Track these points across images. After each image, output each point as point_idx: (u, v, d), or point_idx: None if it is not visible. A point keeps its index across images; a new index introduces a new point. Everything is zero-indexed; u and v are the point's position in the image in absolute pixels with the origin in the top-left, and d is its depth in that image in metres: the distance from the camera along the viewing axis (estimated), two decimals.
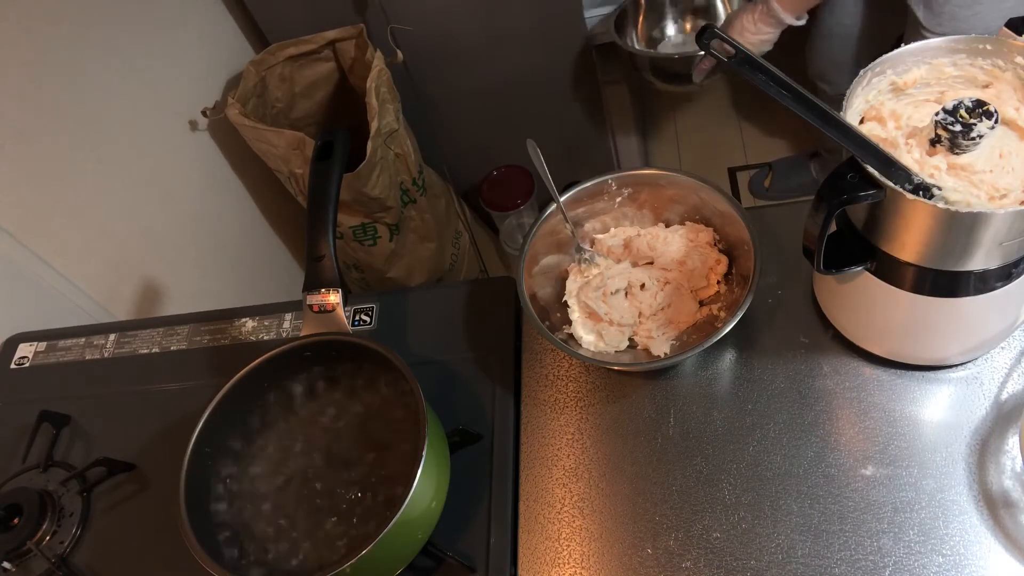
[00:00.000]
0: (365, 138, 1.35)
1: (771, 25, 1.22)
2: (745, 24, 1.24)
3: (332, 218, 0.79)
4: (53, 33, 1.13)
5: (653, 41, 1.62)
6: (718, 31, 0.54)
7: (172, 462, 0.72)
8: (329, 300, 0.78)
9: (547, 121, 1.76)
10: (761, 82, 0.56)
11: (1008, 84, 0.63)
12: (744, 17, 1.25)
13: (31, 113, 1.09)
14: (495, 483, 0.78)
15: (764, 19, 1.22)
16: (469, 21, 1.52)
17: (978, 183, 0.59)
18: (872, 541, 0.67)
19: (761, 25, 1.23)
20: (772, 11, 1.20)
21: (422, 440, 0.68)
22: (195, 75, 1.44)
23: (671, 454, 0.76)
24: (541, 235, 0.83)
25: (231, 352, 0.96)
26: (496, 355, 0.87)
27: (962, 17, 1.17)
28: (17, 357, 1.03)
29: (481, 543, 0.75)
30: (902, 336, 0.72)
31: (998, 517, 0.66)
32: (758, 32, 1.24)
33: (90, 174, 1.18)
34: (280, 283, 1.64)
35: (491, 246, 2.00)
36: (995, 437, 0.70)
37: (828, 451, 0.72)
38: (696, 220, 0.85)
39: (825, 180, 0.61)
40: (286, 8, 1.51)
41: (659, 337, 0.80)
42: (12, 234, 1.05)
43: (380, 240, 1.55)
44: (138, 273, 1.26)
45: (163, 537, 0.80)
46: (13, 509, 0.85)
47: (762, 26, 1.23)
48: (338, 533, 0.74)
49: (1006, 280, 0.63)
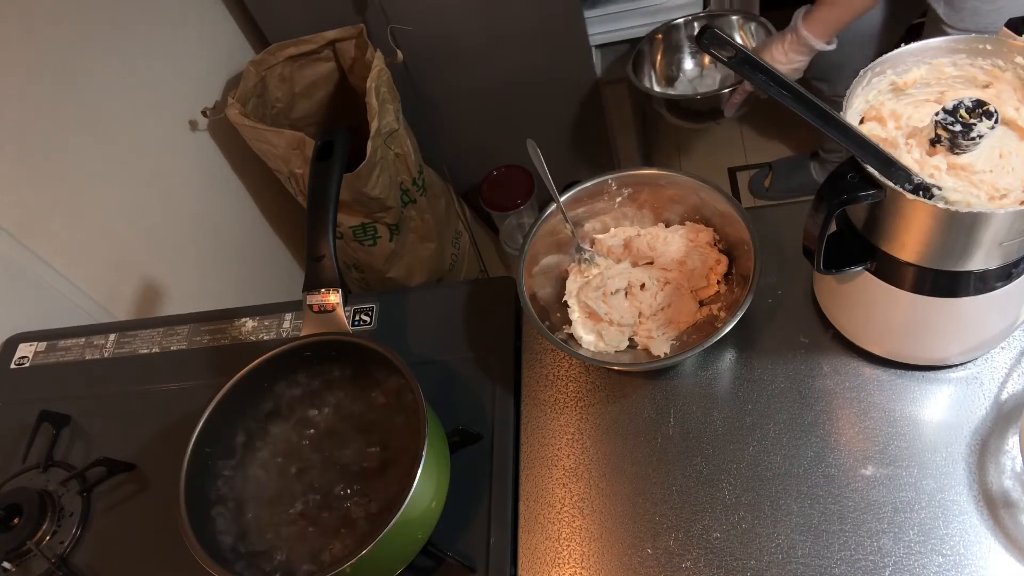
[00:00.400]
0: (365, 138, 1.35)
1: (802, 53, 1.23)
2: (776, 55, 1.25)
3: (332, 218, 0.79)
4: (53, 33, 1.13)
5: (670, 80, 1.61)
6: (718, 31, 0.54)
7: (172, 462, 0.72)
8: (329, 300, 0.78)
9: (547, 121, 1.76)
10: (761, 82, 0.56)
11: (1008, 84, 0.63)
12: (774, 48, 1.25)
13: (31, 113, 1.09)
14: (495, 483, 0.78)
15: (795, 48, 1.23)
16: (469, 21, 1.52)
17: (978, 183, 0.59)
18: (872, 541, 0.67)
19: (793, 55, 1.24)
20: (802, 39, 1.21)
21: (422, 440, 0.68)
22: (195, 75, 1.44)
23: (671, 454, 0.76)
24: (541, 235, 0.83)
25: (231, 352, 0.96)
26: (496, 355, 0.87)
27: (984, 12, 1.17)
28: (17, 357, 1.03)
29: (481, 543, 0.75)
30: (902, 336, 0.72)
31: (998, 517, 0.66)
32: (790, 62, 1.25)
33: (90, 174, 1.18)
34: (280, 283, 1.64)
35: (491, 246, 2.00)
36: (995, 437, 0.70)
37: (828, 451, 0.72)
38: (696, 220, 0.85)
39: (825, 180, 0.61)
40: (286, 8, 1.51)
41: (659, 337, 0.80)
42: (12, 234, 1.05)
43: (380, 240, 1.55)
44: (138, 273, 1.26)
45: (163, 537, 0.80)
46: (13, 509, 0.85)
47: (793, 55, 1.24)
48: (338, 533, 0.74)
49: (1006, 280, 0.63)
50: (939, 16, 1.22)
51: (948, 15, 1.21)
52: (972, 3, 1.17)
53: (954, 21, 1.20)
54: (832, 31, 1.20)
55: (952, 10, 1.20)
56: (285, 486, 0.77)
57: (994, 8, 1.16)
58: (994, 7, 1.16)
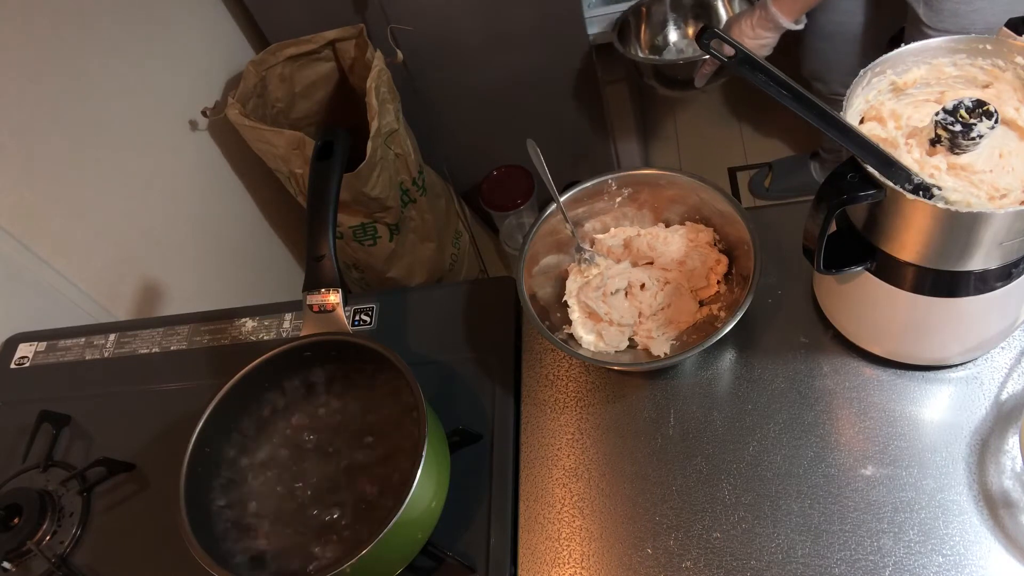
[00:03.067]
0: (365, 138, 1.35)
1: (770, 30, 1.22)
2: (744, 29, 1.24)
3: (332, 218, 0.79)
4: (53, 33, 1.13)
5: (656, 48, 1.62)
6: (718, 31, 0.54)
7: (172, 462, 0.72)
8: (329, 300, 0.78)
9: (547, 121, 1.76)
10: (761, 82, 0.56)
11: (1008, 84, 0.63)
12: (743, 22, 1.25)
13: (31, 113, 1.09)
14: (495, 483, 0.78)
15: (763, 23, 1.22)
16: (469, 21, 1.52)
17: (978, 183, 0.59)
18: (872, 541, 0.67)
19: (760, 30, 1.23)
20: (770, 15, 1.20)
21: (422, 440, 0.68)
22: (195, 75, 1.44)
23: (671, 454, 0.76)
24: (541, 235, 0.83)
25: (231, 352, 0.96)
26: (496, 355, 0.87)
27: (962, 13, 1.17)
28: (17, 357, 1.03)
29: (481, 543, 0.75)
30: (902, 336, 0.72)
31: (998, 517, 0.66)
32: (757, 37, 1.24)
33: (90, 174, 1.18)
34: (280, 283, 1.64)
35: (491, 246, 2.00)
36: (995, 437, 0.70)
37: (828, 451, 0.72)
38: (696, 220, 0.85)
39: (825, 180, 0.61)
40: (286, 8, 1.51)
41: (659, 337, 0.80)
42: (12, 234, 1.05)
43: (380, 240, 1.55)
44: (138, 273, 1.26)
45: (163, 537, 0.80)
46: (13, 509, 0.85)
47: (761, 31, 1.23)
48: (338, 533, 0.74)
49: (1006, 280, 0.63)
50: (918, 16, 1.22)
51: (927, 16, 1.21)
52: (951, 5, 1.17)
53: (933, 22, 1.21)
54: (800, 10, 1.20)
55: (931, 11, 1.20)
56: (285, 486, 0.77)
57: (972, 9, 1.16)
58: (972, 8, 1.16)
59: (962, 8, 1.17)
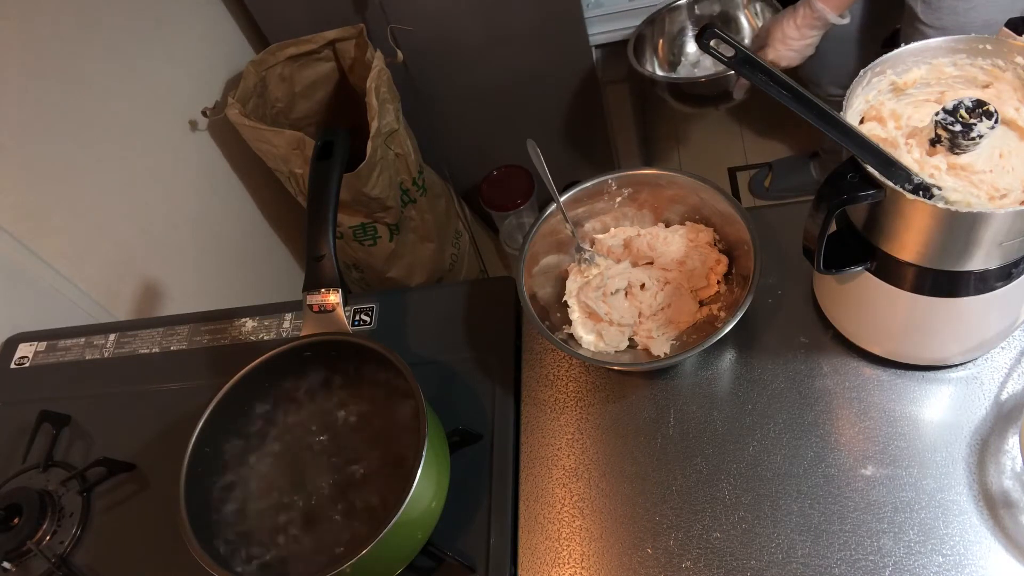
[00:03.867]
0: (365, 138, 1.35)
1: (816, 28, 1.20)
2: (787, 31, 1.21)
3: (332, 218, 0.79)
4: (53, 33, 1.13)
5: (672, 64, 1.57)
6: (718, 31, 0.54)
7: (172, 462, 0.72)
8: (329, 300, 0.78)
9: (547, 121, 1.76)
10: (761, 82, 0.56)
11: (1008, 84, 0.63)
12: (785, 24, 1.22)
13: (31, 113, 1.09)
14: (495, 483, 0.78)
15: (809, 21, 1.19)
16: (469, 21, 1.52)
17: (978, 183, 0.59)
18: (872, 541, 0.67)
19: (806, 29, 1.20)
20: (817, 12, 1.17)
21: (422, 440, 0.68)
22: (195, 75, 1.44)
23: (671, 454, 0.76)
24: (541, 235, 0.83)
25: (231, 352, 0.96)
26: (496, 355, 0.87)
27: (960, 11, 1.17)
28: (17, 357, 1.03)
29: (481, 543, 0.75)
30: (902, 336, 0.72)
31: (998, 517, 0.66)
32: (803, 37, 1.21)
33: (90, 174, 1.18)
34: (280, 283, 1.64)
35: (491, 246, 2.00)
36: (995, 437, 0.70)
37: (828, 451, 0.72)
38: (696, 220, 0.85)
39: (825, 180, 0.61)
40: (286, 8, 1.51)
41: (659, 337, 0.80)
42: (12, 234, 1.05)
43: (380, 240, 1.55)
44: (138, 273, 1.26)
45: (163, 537, 0.80)
46: (13, 509, 0.85)
47: (807, 30, 1.20)
48: (338, 533, 0.74)
49: (1006, 280, 0.63)
50: (916, 14, 1.21)
51: (925, 13, 1.20)
52: (949, 2, 1.17)
53: (931, 20, 1.20)
54: (848, 3, 1.17)
55: (929, 8, 1.19)
56: (285, 486, 0.77)
57: (970, 7, 1.16)
58: (970, 5, 1.16)
59: (960, 5, 1.16)
